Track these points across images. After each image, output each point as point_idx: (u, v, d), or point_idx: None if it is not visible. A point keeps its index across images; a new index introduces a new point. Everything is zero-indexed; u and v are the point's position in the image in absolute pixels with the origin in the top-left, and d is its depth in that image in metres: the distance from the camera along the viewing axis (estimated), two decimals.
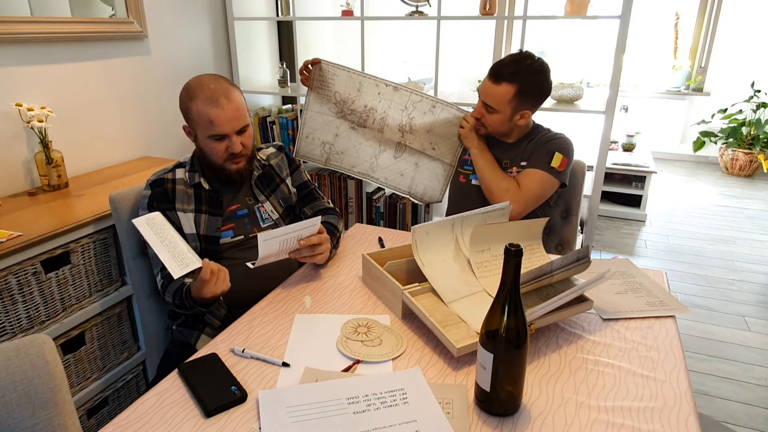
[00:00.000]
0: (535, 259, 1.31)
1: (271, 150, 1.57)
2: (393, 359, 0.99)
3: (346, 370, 0.96)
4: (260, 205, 1.46)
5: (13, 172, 1.77)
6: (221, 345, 1.05)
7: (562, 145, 1.60)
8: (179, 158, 1.45)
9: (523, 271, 1.01)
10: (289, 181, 1.55)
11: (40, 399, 0.84)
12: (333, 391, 0.89)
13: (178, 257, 1.13)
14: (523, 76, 1.52)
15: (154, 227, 1.20)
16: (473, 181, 1.70)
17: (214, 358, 0.98)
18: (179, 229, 1.32)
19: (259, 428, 0.82)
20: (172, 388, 0.92)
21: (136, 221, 1.20)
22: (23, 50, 1.76)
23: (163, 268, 1.29)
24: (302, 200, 1.57)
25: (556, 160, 1.57)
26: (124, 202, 1.41)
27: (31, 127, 1.70)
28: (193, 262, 1.13)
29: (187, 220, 1.34)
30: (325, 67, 1.73)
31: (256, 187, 1.47)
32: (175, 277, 1.09)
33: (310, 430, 0.81)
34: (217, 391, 0.89)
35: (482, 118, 1.62)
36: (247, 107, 1.37)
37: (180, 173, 1.39)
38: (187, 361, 0.98)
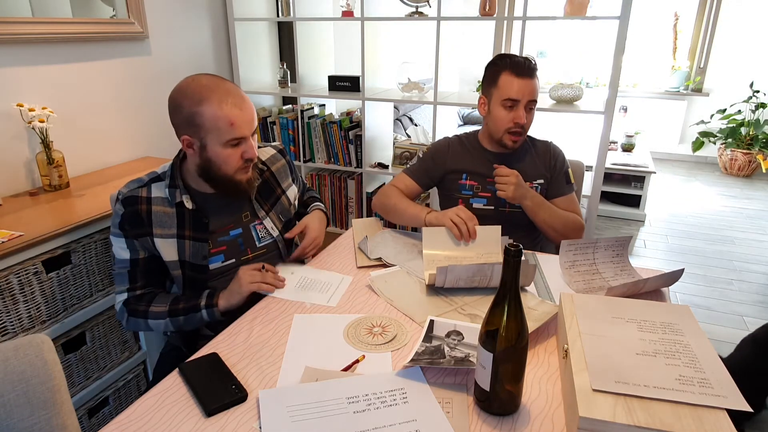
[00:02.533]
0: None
1: (271, 152, 1.43)
2: (397, 350, 1.00)
3: (346, 369, 0.97)
4: (259, 222, 1.33)
5: (15, 172, 1.77)
6: (221, 345, 1.05)
7: (565, 158, 1.66)
8: (159, 168, 1.28)
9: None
10: (291, 191, 1.44)
11: (38, 399, 0.85)
12: (333, 390, 0.89)
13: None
14: (536, 66, 1.53)
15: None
16: (474, 205, 1.62)
17: (214, 357, 0.99)
18: (158, 257, 1.21)
19: (260, 428, 0.82)
20: (172, 387, 0.93)
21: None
22: (24, 51, 1.76)
23: (133, 289, 1.21)
24: (299, 204, 1.53)
25: (571, 176, 1.64)
26: None
27: (33, 128, 1.70)
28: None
29: (168, 247, 1.21)
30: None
31: (257, 201, 1.33)
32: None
33: (310, 429, 0.81)
34: (218, 390, 0.90)
35: (526, 124, 1.53)
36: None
37: (157, 190, 1.22)
38: (188, 360, 0.98)
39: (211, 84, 1.14)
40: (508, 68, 1.50)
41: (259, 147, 1.41)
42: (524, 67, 1.50)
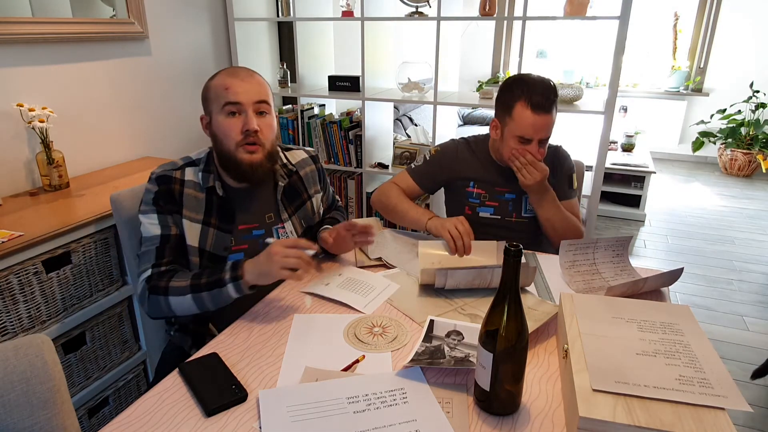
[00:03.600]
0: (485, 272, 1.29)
1: (302, 155, 1.41)
2: (397, 350, 1.00)
3: (346, 369, 0.97)
4: (281, 226, 1.31)
5: (15, 172, 1.77)
6: (221, 345, 1.05)
7: (571, 163, 1.62)
8: (190, 153, 1.28)
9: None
10: (316, 199, 1.41)
11: (38, 399, 0.85)
12: (333, 390, 0.89)
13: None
14: (555, 91, 1.43)
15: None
16: (481, 214, 1.59)
17: (214, 357, 0.99)
18: (181, 237, 1.19)
19: (260, 428, 0.82)
20: (172, 387, 0.93)
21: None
22: (24, 51, 1.76)
23: (158, 264, 1.15)
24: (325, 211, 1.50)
25: (574, 181, 1.62)
26: (124, 202, 1.41)
27: (33, 128, 1.70)
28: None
29: (193, 230, 1.20)
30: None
31: (281, 202, 1.32)
32: None
33: (310, 429, 0.81)
34: (218, 390, 0.90)
35: (540, 157, 1.45)
36: (273, 102, 1.26)
37: (190, 173, 1.23)
38: (188, 360, 0.98)
39: (229, 68, 1.22)
40: (525, 100, 1.40)
41: (290, 149, 1.41)
42: (543, 103, 1.39)
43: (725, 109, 5.00)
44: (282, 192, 1.32)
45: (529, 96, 1.40)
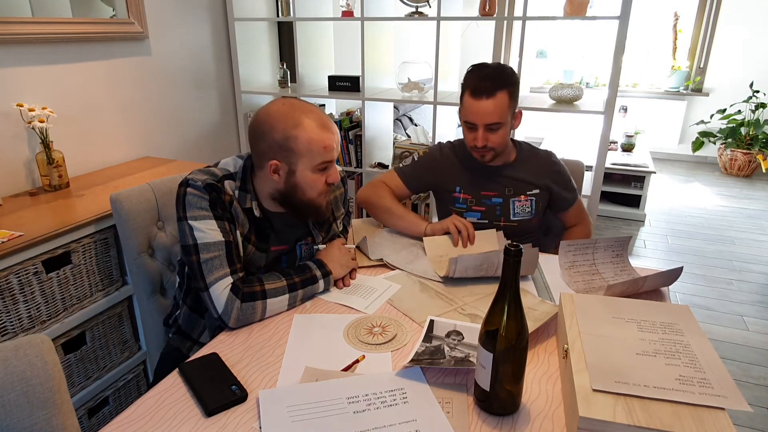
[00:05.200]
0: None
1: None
2: (397, 350, 1.00)
3: (346, 369, 0.97)
4: (315, 246, 1.33)
5: (15, 172, 1.77)
6: (221, 345, 1.05)
7: (563, 169, 1.61)
8: (221, 163, 1.22)
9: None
10: (340, 219, 1.42)
11: (38, 399, 0.84)
12: (333, 390, 0.89)
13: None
14: (507, 76, 1.43)
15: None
16: (468, 219, 1.56)
17: (214, 357, 0.99)
18: (237, 244, 1.16)
19: (260, 428, 0.82)
20: (172, 387, 0.93)
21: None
22: (24, 51, 1.76)
23: (235, 271, 1.12)
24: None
25: (572, 182, 1.63)
26: (125, 202, 1.41)
27: (32, 128, 1.70)
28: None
29: (240, 243, 1.18)
30: None
31: (315, 227, 1.32)
32: None
33: (311, 429, 0.81)
34: (218, 390, 0.90)
35: (488, 143, 1.46)
36: None
37: (229, 187, 1.17)
38: (188, 360, 0.98)
39: (303, 107, 1.13)
40: (469, 86, 1.43)
41: None
42: (483, 88, 1.40)
43: (725, 109, 5.00)
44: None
45: (471, 82, 1.43)
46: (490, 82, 1.40)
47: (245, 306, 1.09)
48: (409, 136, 3.07)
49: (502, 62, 1.82)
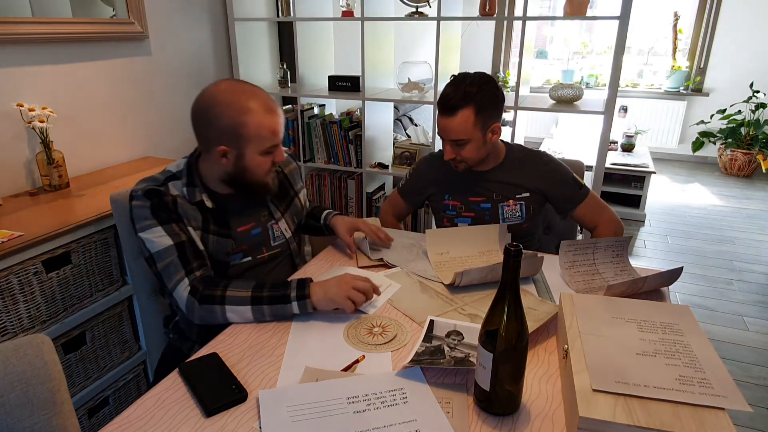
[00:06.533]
0: (493, 262, 1.34)
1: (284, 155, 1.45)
2: (397, 350, 1.00)
3: (346, 369, 0.97)
4: (275, 222, 1.34)
5: (15, 172, 1.77)
6: (221, 345, 1.05)
7: (564, 167, 1.58)
8: (168, 167, 1.26)
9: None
10: (302, 194, 1.46)
11: (38, 399, 0.85)
12: (333, 390, 0.89)
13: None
14: (473, 94, 1.40)
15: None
16: (459, 225, 1.60)
17: (214, 357, 0.99)
18: (192, 240, 1.16)
19: (260, 428, 0.82)
20: (172, 387, 0.93)
21: None
22: (24, 51, 1.76)
23: (191, 270, 1.13)
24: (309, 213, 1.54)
25: (579, 179, 1.59)
26: (124, 202, 1.41)
27: (33, 128, 1.70)
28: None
29: (197, 238, 1.19)
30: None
31: (272, 202, 1.35)
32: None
33: (310, 429, 0.81)
34: (218, 390, 0.90)
35: (456, 156, 1.48)
36: None
37: (173, 188, 1.19)
38: (188, 360, 0.98)
39: (248, 90, 1.14)
40: (439, 102, 1.44)
41: None
42: (444, 106, 1.42)
43: (725, 109, 5.00)
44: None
45: (441, 98, 1.43)
46: (452, 100, 1.41)
47: (205, 308, 1.11)
48: (409, 136, 3.07)
49: (502, 62, 1.80)
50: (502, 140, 1.58)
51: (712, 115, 5.11)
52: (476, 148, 1.46)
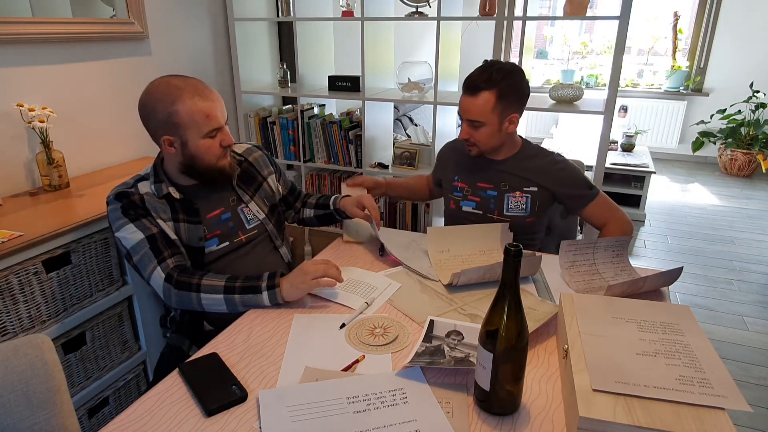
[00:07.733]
0: (492, 261, 1.34)
1: (246, 146, 1.51)
2: (397, 351, 1.00)
3: (346, 369, 0.97)
4: (245, 206, 1.40)
5: (15, 172, 1.77)
6: (221, 345, 1.05)
7: (574, 167, 1.58)
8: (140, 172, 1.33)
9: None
10: (272, 179, 1.51)
11: (38, 399, 0.85)
12: (333, 390, 0.89)
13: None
14: (498, 80, 1.44)
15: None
16: (464, 208, 1.62)
17: (214, 357, 0.99)
18: (164, 232, 1.24)
19: (260, 427, 0.82)
20: (172, 387, 0.93)
21: None
22: (24, 51, 1.76)
23: (163, 259, 1.20)
24: (294, 199, 1.61)
25: (589, 181, 1.57)
26: None
27: (33, 128, 1.70)
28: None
29: (168, 228, 1.26)
30: None
31: (239, 187, 1.40)
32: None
33: (311, 429, 0.81)
34: (218, 390, 0.90)
35: (470, 138, 1.51)
36: None
37: (143, 188, 1.27)
38: (188, 360, 0.98)
39: (179, 83, 1.20)
40: (465, 81, 1.49)
41: (234, 144, 1.46)
42: (469, 85, 1.47)
43: (725, 109, 5.00)
44: (237, 179, 1.40)
45: (467, 78, 1.49)
46: (476, 81, 1.45)
47: (181, 294, 1.19)
48: (409, 136, 3.07)
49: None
50: (520, 136, 1.61)
51: (712, 115, 5.11)
52: (491, 132, 1.49)
